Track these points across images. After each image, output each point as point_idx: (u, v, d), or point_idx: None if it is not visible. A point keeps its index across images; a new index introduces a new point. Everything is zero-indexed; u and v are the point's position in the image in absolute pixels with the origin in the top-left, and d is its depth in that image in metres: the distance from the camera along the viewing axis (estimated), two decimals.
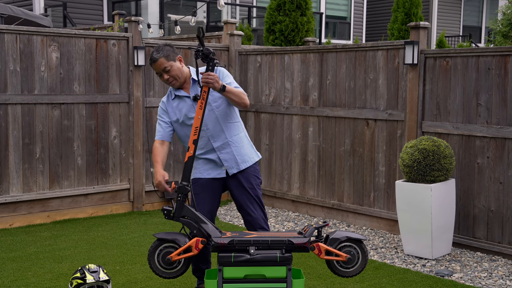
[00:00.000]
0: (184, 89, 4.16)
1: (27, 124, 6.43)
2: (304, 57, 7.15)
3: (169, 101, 4.20)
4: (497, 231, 5.54)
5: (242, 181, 4.15)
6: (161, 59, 4.03)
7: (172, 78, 4.07)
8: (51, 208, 6.67)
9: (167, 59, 4.04)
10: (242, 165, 4.15)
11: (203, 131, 4.10)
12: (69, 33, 6.69)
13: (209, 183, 4.17)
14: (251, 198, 4.16)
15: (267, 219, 4.25)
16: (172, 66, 4.05)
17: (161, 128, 4.20)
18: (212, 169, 4.16)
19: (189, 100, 4.11)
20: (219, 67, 4.08)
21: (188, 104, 4.12)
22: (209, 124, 4.10)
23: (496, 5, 19.28)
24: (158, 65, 4.04)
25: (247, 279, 3.61)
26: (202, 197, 4.15)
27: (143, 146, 7.24)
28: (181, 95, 4.15)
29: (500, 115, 5.48)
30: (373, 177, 6.51)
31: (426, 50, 5.98)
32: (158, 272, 3.79)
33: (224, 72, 4.12)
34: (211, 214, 4.17)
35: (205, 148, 4.14)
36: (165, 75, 4.06)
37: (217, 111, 4.10)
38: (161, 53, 4.04)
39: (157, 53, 4.04)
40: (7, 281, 4.74)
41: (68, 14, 12.75)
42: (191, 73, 4.17)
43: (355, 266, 3.78)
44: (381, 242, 6.07)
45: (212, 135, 4.12)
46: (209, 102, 4.06)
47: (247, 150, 4.20)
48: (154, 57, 4.04)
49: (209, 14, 14.07)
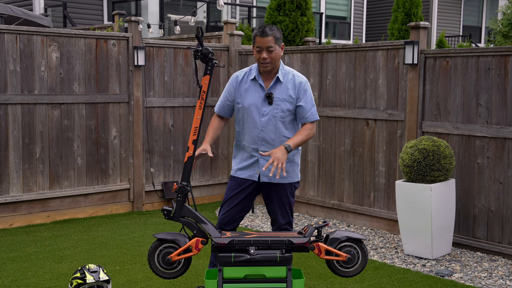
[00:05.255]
0: (264, 79, 4.06)
1: (27, 124, 6.43)
2: (304, 57, 7.15)
3: (244, 80, 4.09)
4: (497, 231, 5.54)
5: (274, 192, 4.11)
6: (271, 37, 3.92)
7: (269, 59, 3.96)
8: (51, 208, 6.67)
9: (276, 41, 3.95)
10: (276, 180, 4.06)
11: (258, 131, 4.02)
12: (69, 33, 6.70)
13: (243, 183, 4.14)
14: (283, 210, 4.14)
15: (292, 226, 4.25)
16: (276, 49, 3.96)
17: (223, 99, 4.15)
18: (248, 170, 4.11)
19: (262, 92, 4.03)
20: (307, 83, 4.02)
21: (257, 95, 4.02)
22: (266, 128, 4.02)
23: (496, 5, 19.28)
24: (266, 41, 3.91)
25: (247, 279, 3.61)
26: (235, 196, 4.13)
27: (143, 146, 7.24)
28: (258, 82, 4.04)
29: (500, 115, 5.48)
30: (373, 177, 6.51)
31: (426, 50, 5.98)
32: (158, 272, 3.79)
33: (305, 87, 4.02)
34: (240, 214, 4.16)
35: (252, 145, 4.07)
36: (265, 54, 3.94)
37: (280, 121, 4.02)
38: (274, 32, 3.93)
39: (270, 30, 3.92)
40: (7, 281, 4.74)
41: (68, 14, 12.75)
42: (280, 69, 4.05)
43: (355, 266, 3.78)
44: (381, 242, 6.07)
45: (263, 139, 4.04)
46: (275, 107, 3.99)
47: (290, 168, 4.10)
48: (266, 31, 3.91)
49: (209, 14, 14.06)
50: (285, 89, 4.02)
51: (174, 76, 7.50)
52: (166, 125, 7.46)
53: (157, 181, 7.44)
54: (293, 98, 4.02)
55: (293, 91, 4.02)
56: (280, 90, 4.02)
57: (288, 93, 4.02)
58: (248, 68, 4.13)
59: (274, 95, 4.00)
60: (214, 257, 4.12)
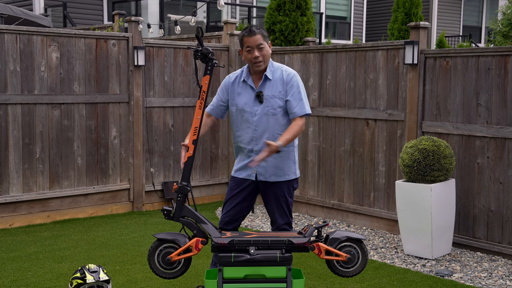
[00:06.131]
0: (254, 79, 4.08)
1: (27, 124, 6.43)
2: (304, 57, 7.15)
3: (236, 82, 4.13)
4: (497, 231, 5.54)
5: (271, 192, 4.12)
6: (260, 35, 3.96)
7: (261, 57, 3.98)
8: (51, 208, 6.67)
9: (264, 38, 3.99)
10: (272, 178, 4.09)
11: (252, 131, 4.05)
12: (69, 33, 6.69)
13: (242, 183, 4.16)
14: (280, 209, 4.14)
15: (291, 226, 4.25)
16: (265, 46, 3.99)
17: (215, 101, 4.19)
18: (245, 169, 4.13)
19: (252, 92, 4.05)
20: (294, 77, 4.03)
21: (248, 96, 4.06)
22: (259, 127, 4.04)
23: (496, 5, 19.28)
24: (255, 39, 3.94)
25: (247, 279, 3.61)
26: (235, 196, 4.14)
27: (143, 146, 7.24)
28: (248, 84, 4.08)
29: (500, 115, 5.48)
30: (373, 177, 6.51)
31: (426, 50, 5.97)
32: (158, 272, 3.79)
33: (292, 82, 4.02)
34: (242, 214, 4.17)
35: (247, 146, 4.10)
36: (257, 52, 3.97)
37: (272, 118, 4.03)
38: (260, 30, 3.98)
39: (257, 28, 3.97)
40: (7, 281, 4.74)
41: (68, 14, 12.74)
42: (268, 67, 4.06)
43: (355, 266, 3.78)
44: (381, 242, 6.07)
45: (257, 138, 4.05)
46: (266, 105, 4.01)
47: (285, 165, 4.11)
48: (253, 30, 3.96)
49: (209, 14, 14.06)
50: (275, 85, 4.03)
51: (174, 76, 7.50)
52: (166, 125, 7.46)
53: (157, 181, 7.44)
54: (282, 94, 4.03)
55: (281, 86, 4.03)
56: (269, 88, 4.03)
57: (278, 89, 4.03)
58: (240, 70, 4.15)
59: (264, 93, 4.01)
60: (216, 257, 4.12)
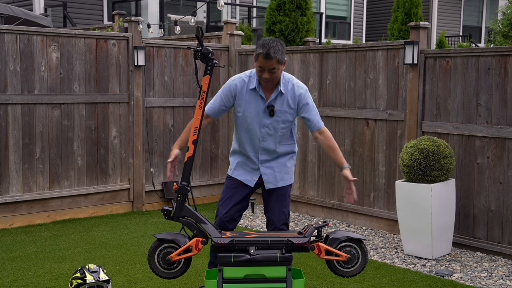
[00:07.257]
0: (264, 89, 4.01)
1: (27, 124, 6.43)
2: (304, 57, 7.15)
3: (244, 90, 4.03)
4: (497, 231, 5.54)
5: (275, 192, 4.16)
6: (276, 60, 3.82)
7: (270, 79, 3.91)
8: (51, 208, 6.67)
9: (279, 62, 3.86)
10: (280, 183, 4.15)
11: (258, 141, 4.06)
12: (69, 33, 6.70)
13: (241, 184, 4.17)
14: (281, 209, 4.17)
15: (288, 228, 4.28)
16: (278, 69, 3.89)
17: (220, 104, 4.09)
18: (245, 173, 4.15)
19: (262, 103, 4.00)
20: (306, 92, 4.02)
21: (258, 106, 4.00)
22: (267, 138, 4.05)
23: (496, 5, 19.28)
24: (270, 63, 3.83)
25: (247, 279, 3.61)
26: (234, 196, 4.15)
27: (143, 146, 7.24)
28: (259, 93, 4.01)
29: (500, 115, 5.48)
30: (373, 177, 6.51)
31: (426, 50, 5.97)
32: (158, 272, 3.80)
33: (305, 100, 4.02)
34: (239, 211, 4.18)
35: (251, 153, 4.11)
36: (267, 74, 3.88)
37: (280, 132, 4.05)
38: (278, 54, 3.81)
39: (275, 52, 3.80)
40: (7, 281, 4.74)
41: (68, 14, 12.75)
42: (281, 80, 3.98)
43: (355, 266, 3.78)
44: (381, 242, 6.07)
45: (263, 148, 4.08)
46: (276, 119, 4.00)
47: (290, 170, 4.21)
48: (271, 54, 3.79)
49: (209, 14, 14.06)
50: (285, 99, 4.02)
51: (174, 76, 7.50)
52: (166, 125, 7.46)
53: (157, 181, 7.44)
54: (293, 109, 4.03)
55: (292, 101, 4.02)
56: (280, 102, 4.01)
57: (288, 103, 4.02)
58: (247, 76, 4.05)
59: (276, 108, 4.00)
60: (213, 257, 4.12)
